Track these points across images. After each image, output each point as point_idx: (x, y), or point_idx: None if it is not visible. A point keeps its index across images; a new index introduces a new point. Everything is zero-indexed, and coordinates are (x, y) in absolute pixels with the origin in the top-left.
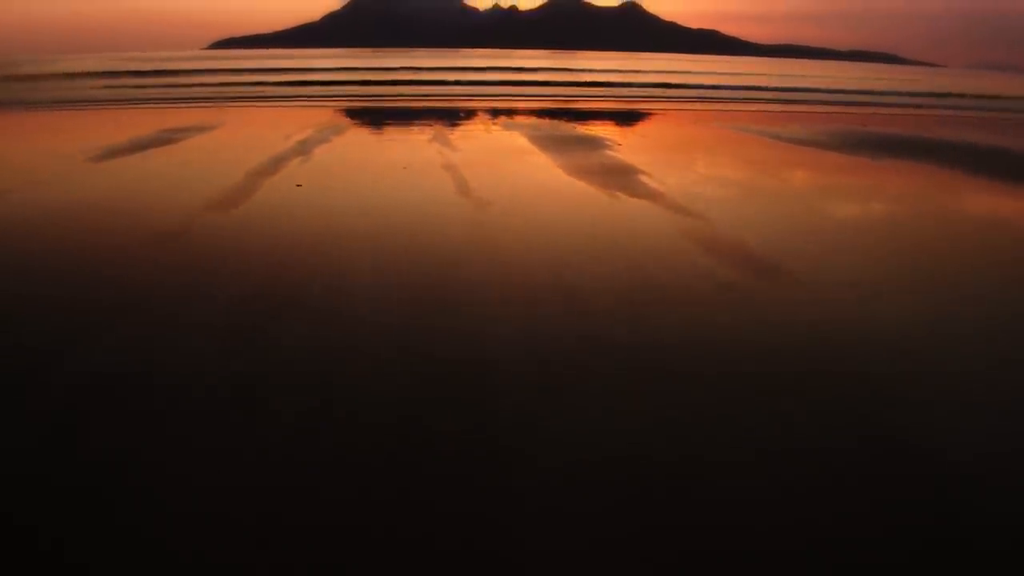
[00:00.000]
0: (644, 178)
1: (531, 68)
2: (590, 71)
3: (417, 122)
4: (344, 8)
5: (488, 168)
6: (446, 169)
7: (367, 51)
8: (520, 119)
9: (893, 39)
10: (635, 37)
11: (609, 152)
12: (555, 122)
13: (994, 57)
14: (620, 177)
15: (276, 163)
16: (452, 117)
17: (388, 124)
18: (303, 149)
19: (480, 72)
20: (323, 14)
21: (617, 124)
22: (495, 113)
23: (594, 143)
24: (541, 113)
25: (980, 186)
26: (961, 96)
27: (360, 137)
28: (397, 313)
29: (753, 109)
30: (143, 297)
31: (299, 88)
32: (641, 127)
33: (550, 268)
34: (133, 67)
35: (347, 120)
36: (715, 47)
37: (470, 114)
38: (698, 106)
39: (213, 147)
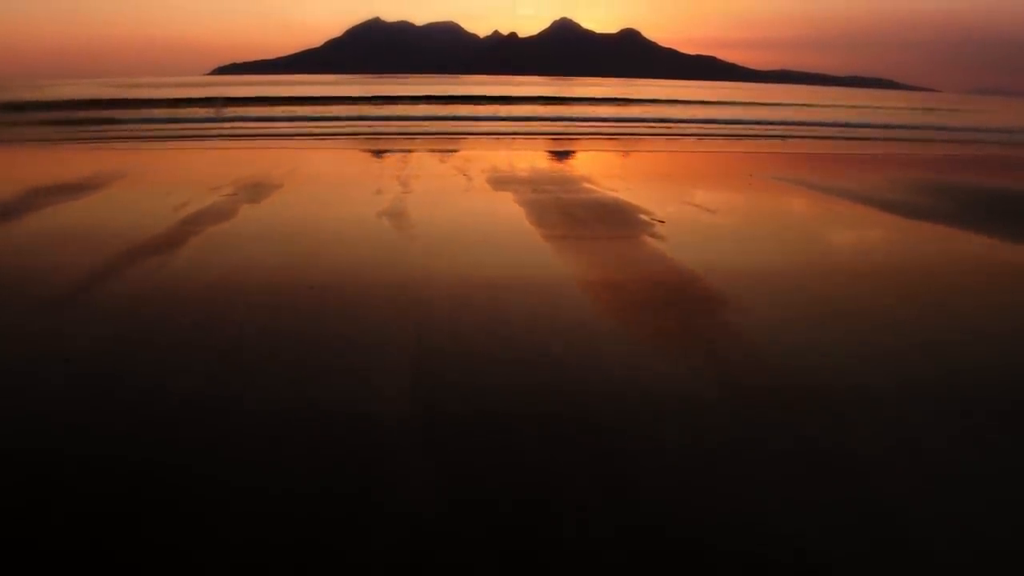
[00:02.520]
0: (732, 316)
1: (530, 97)
2: (594, 100)
3: (377, 174)
4: (345, 35)
5: (457, 289)
6: (383, 291)
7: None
8: (515, 169)
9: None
10: (634, 63)
11: (650, 240)
12: (562, 175)
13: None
14: (690, 313)
15: (106, 273)
16: (426, 167)
17: (337, 178)
18: (181, 234)
19: (475, 103)
20: (324, 40)
21: (644, 178)
22: (483, 160)
23: (623, 220)
24: (543, 159)
25: None
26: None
27: (284, 203)
28: None
29: (794, 151)
30: None
31: (262, 124)
32: (676, 183)
33: None
34: (107, 95)
35: (286, 170)
36: (713, 73)
37: (450, 155)
38: (728, 147)
39: (62, 227)
